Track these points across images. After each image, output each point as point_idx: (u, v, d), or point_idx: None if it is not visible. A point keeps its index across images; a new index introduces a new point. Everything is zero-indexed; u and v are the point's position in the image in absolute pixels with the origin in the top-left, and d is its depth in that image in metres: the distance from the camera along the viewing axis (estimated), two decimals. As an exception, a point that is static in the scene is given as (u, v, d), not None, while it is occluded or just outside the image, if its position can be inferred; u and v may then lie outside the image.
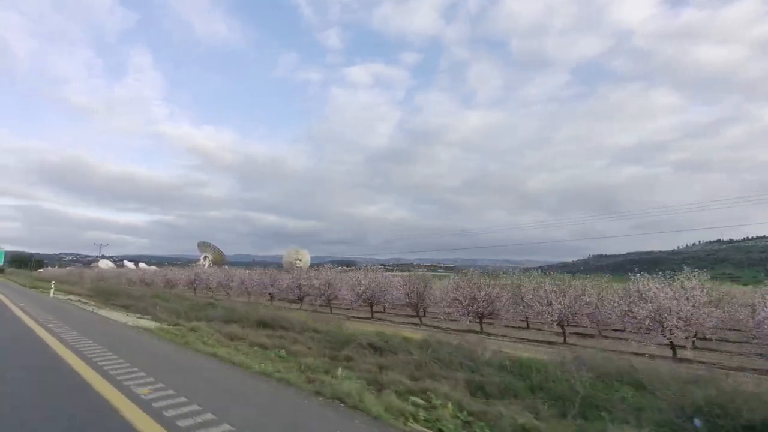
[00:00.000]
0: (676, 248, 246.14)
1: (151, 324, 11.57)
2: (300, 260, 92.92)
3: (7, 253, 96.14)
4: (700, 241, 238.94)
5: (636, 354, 9.29)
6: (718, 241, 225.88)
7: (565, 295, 14.15)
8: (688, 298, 11.25)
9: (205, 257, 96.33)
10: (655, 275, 12.76)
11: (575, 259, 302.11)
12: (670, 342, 11.26)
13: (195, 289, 33.57)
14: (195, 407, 4.19)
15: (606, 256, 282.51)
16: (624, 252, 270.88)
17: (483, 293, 15.89)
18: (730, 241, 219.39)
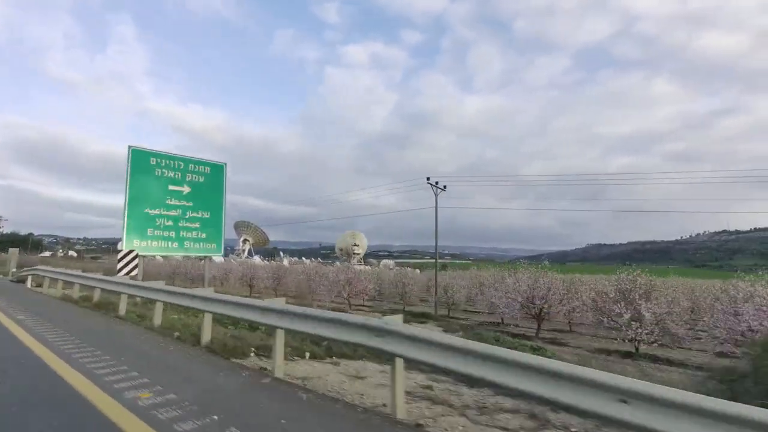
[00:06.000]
0: (679, 238, 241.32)
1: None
2: (357, 245, 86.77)
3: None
4: (705, 231, 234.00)
5: None
6: (725, 231, 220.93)
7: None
8: None
9: (245, 241, 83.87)
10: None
11: (573, 248, 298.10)
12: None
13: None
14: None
15: (606, 245, 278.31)
16: (625, 241, 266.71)
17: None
18: (737, 232, 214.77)
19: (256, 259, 72.59)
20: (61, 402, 3.53)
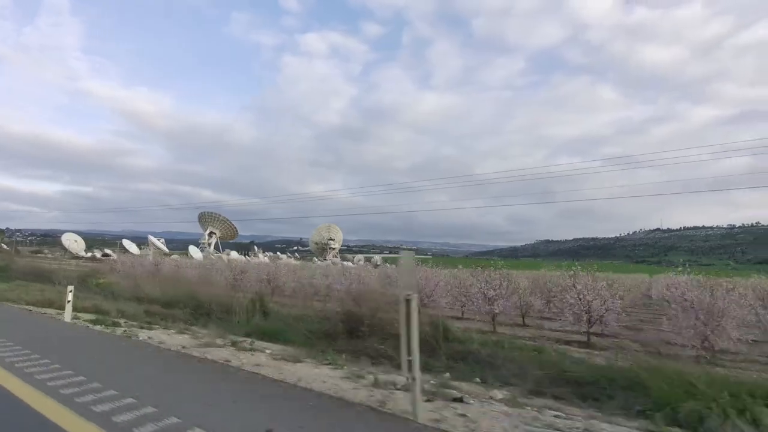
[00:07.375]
0: (618, 236, 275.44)
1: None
2: (333, 239, 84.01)
3: None
4: (641, 230, 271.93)
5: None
6: (659, 229, 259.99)
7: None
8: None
9: (211, 233, 77.82)
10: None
11: (522, 244, 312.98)
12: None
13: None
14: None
15: (554, 241, 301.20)
16: (571, 238, 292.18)
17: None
18: (669, 230, 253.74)
19: (234, 254, 68.01)
20: None
